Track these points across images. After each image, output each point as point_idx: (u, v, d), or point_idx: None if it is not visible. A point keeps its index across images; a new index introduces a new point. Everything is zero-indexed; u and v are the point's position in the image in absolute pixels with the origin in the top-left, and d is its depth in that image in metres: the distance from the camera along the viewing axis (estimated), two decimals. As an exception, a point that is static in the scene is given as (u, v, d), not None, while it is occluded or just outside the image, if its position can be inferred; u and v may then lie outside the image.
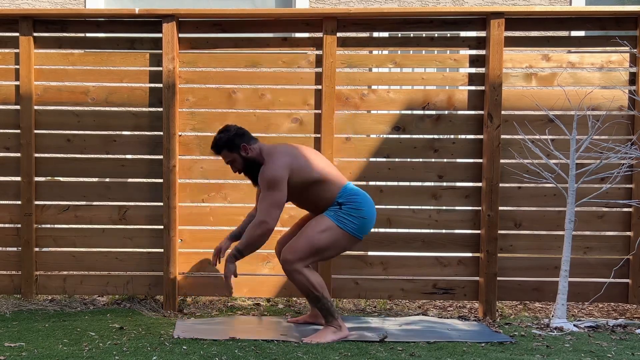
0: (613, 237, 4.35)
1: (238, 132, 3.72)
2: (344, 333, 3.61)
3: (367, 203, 3.70)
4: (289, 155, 3.65)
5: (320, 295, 3.60)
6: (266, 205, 3.55)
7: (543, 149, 4.17)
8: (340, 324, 3.63)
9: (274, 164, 3.59)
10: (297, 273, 3.58)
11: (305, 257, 3.60)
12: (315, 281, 3.60)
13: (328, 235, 3.61)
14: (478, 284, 4.33)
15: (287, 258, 3.60)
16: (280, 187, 3.56)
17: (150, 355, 3.17)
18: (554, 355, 3.29)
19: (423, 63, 4.44)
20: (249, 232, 3.59)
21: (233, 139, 3.69)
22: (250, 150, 3.69)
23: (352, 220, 3.64)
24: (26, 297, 4.35)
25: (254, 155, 3.69)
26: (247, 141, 3.71)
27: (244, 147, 3.68)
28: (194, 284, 4.39)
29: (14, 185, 4.39)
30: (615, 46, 4.19)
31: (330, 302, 3.63)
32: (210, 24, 4.36)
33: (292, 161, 3.62)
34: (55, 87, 4.39)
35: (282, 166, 3.58)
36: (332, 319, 3.62)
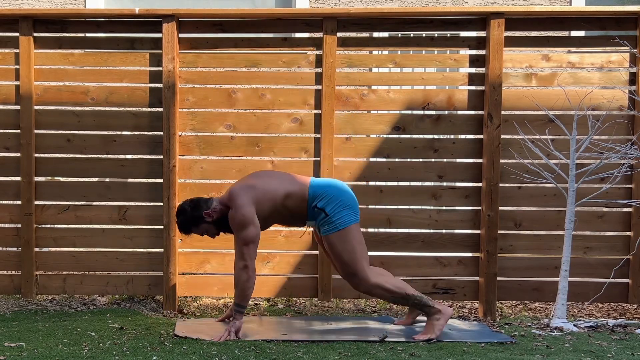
0: (613, 237, 4.35)
1: (192, 206, 3.76)
2: (446, 314, 3.69)
3: (340, 190, 3.75)
4: (247, 189, 3.68)
5: (404, 295, 3.71)
6: (241, 246, 3.63)
7: (543, 149, 4.17)
8: (439, 307, 3.69)
9: (237, 206, 3.63)
10: (374, 288, 3.72)
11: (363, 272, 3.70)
12: (391, 285, 3.72)
13: (347, 243, 3.69)
14: (478, 284, 4.33)
15: (355, 283, 3.74)
16: (252, 223, 3.62)
17: (150, 355, 3.18)
18: (554, 355, 3.29)
19: (423, 63, 4.44)
20: (238, 283, 3.65)
21: (193, 215, 3.73)
22: (212, 213, 3.73)
23: (343, 214, 3.69)
24: (26, 297, 4.35)
25: (218, 214, 3.73)
26: (205, 207, 3.74)
27: (206, 214, 3.72)
28: (194, 284, 4.39)
29: (14, 185, 4.39)
30: (615, 46, 4.19)
31: (418, 296, 3.71)
32: (210, 24, 4.36)
33: (252, 193, 3.67)
34: (55, 87, 4.39)
35: (246, 203, 3.63)
36: (428, 308, 3.70)
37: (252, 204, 3.64)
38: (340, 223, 3.68)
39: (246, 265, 3.61)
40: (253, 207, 3.63)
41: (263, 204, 3.67)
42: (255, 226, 3.62)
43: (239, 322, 3.62)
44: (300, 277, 4.38)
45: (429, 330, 3.64)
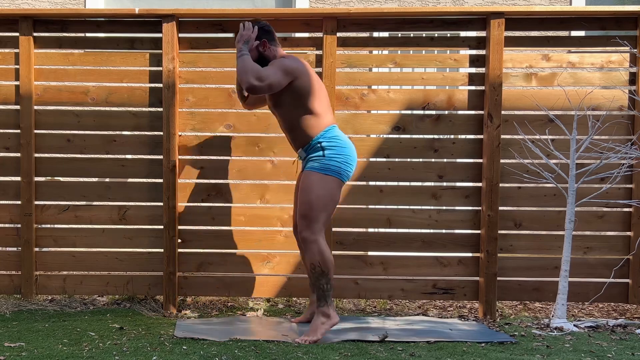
0: (613, 237, 4.35)
1: (265, 28, 3.82)
2: (333, 321, 3.63)
3: (348, 149, 3.72)
4: (304, 65, 3.72)
5: (326, 271, 3.63)
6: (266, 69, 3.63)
7: (543, 149, 4.17)
8: (330, 312, 3.63)
9: (289, 59, 3.70)
10: (313, 243, 3.63)
11: (319, 227, 3.63)
12: (327, 257, 3.64)
13: (322, 187, 3.63)
14: (478, 284, 4.33)
15: (305, 237, 3.64)
16: (284, 74, 3.63)
17: (150, 355, 3.18)
18: (554, 355, 3.29)
19: (423, 63, 4.43)
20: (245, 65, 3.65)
21: (258, 31, 3.77)
22: (267, 48, 3.78)
23: (337, 165, 3.66)
24: (26, 297, 4.35)
25: (269, 54, 3.78)
26: (270, 40, 3.79)
27: (264, 42, 3.77)
28: (194, 284, 4.39)
29: (14, 185, 4.39)
30: (615, 46, 4.19)
31: (330, 285, 3.65)
32: (210, 24, 4.36)
33: (305, 70, 3.68)
34: (55, 87, 4.39)
35: (296, 68, 3.66)
36: (324, 303, 3.63)
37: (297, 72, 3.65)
38: (329, 170, 3.64)
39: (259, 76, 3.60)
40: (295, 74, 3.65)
41: (296, 84, 3.66)
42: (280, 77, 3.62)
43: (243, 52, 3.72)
44: (300, 277, 4.38)
45: (313, 332, 3.57)
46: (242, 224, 4.38)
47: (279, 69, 3.65)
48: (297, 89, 3.66)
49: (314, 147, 3.69)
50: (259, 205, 4.38)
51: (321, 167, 3.64)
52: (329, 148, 3.66)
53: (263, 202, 4.37)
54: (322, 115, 3.71)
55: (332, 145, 3.67)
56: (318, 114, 3.69)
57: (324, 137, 3.68)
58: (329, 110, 3.78)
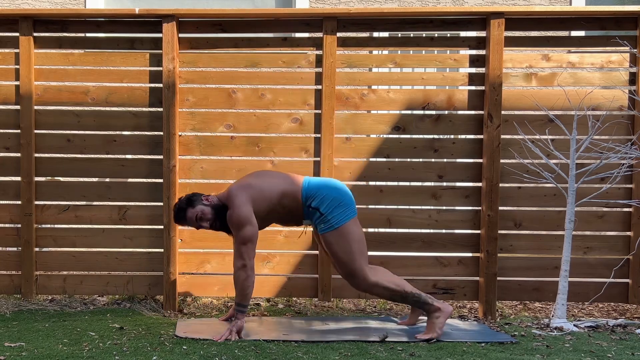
0: (613, 237, 4.35)
1: (190, 195, 3.79)
2: (446, 311, 3.69)
3: (333, 189, 3.75)
4: (245, 188, 3.70)
5: (402, 293, 3.71)
6: (239, 245, 3.64)
7: (543, 149, 4.17)
8: (438, 305, 3.69)
9: (235, 206, 3.65)
10: (373, 287, 3.72)
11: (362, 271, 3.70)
12: (390, 283, 3.71)
13: (344, 241, 3.69)
14: (478, 284, 4.33)
15: (355, 283, 3.74)
16: (249, 222, 3.63)
17: (150, 355, 3.17)
18: (554, 355, 3.29)
19: (423, 63, 4.43)
20: (237, 282, 3.66)
21: (189, 198, 3.76)
22: (210, 199, 3.76)
23: (337, 212, 3.70)
24: (26, 297, 4.35)
25: (216, 202, 3.75)
26: (203, 196, 3.78)
27: (202, 198, 3.76)
28: (194, 284, 4.39)
29: (14, 185, 4.39)
30: (615, 46, 4.19)
31: (416, 294, 3.72)
32: (210, 24, 4.36)
33: (249, 192, 3.68)
34: (55, 87, 4.39)
35: (243, 202, 3.65)
36: (428, 306, 3.70)
37: (250, 203, 3.65)
38: (336, 222, 3.69)
39: (244, 264, 3.62)
40: (250, 206, 3.65)
41: (260, 203, 3.69)
42: (253, 225, 3.63)
43: (241, 322, 3.61)
44: (300, 277, 4.38)
45: (430, 329, 3.64)
46: (242, 224, 4.37)
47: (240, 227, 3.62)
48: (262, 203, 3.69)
49: (309, 213, 3.75)
50: (259, 205, 4.38)
51: (329, 225, 3.70)
52: (321, 204, 3.71)
53: (263, 202, 4.37)
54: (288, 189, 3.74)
55: (321, 199, 3.71)
56: (285, 191, 3.74)
57: (309, 199, 3.73)
58: (284, 177, 3.81)
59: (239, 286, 3.65)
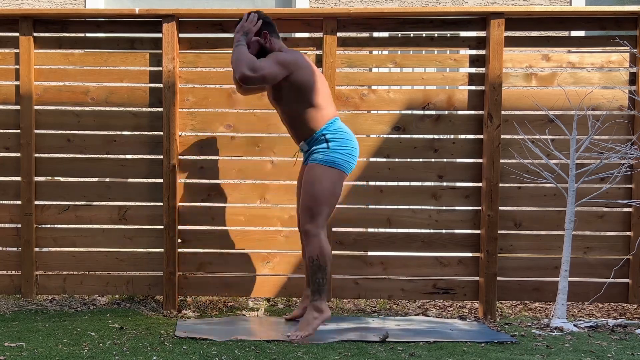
0: (613, 237, 4.35)
1: (267, 20, 3.80)
2: (325, 315, 3.65)
3: (351, 142, 3.74)
4: (302, 58, 3.72)
5: (324, 266, 3.64)
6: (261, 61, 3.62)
7: (543, 149, 4.17)
8: (322, 307, 3.65)
9: (287, 52, 3.69)
10: (315, 237, 3.63)
11: (321, 221, 3.64)
12: (326, 252, 3.65)
13: (326, 180, 3.64)
14: (478, 284, 4.33)
15: (307, 230, 3.65)
16: (280, 66, 3.61)
17: (150, 355, 3.18)
18: (554, 355, 3.29)
19: (423, 63, 4.43)
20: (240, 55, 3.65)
21: (264, 23, 3.77)
22: (268, 41, 3.76)
23: (342, 157, 3.67)
24: (26, 297, 4.36)
25: (270, 46, 3.76)
26: (271, 32, 3.78)
27: (264, 34, 3.75)
28: (194, 284, 4.39)
29: (14, 185, 4.39)
30: (615, 46, 4.19)
31: (326, 279, 3.66)
32: (210, 24, 4.36)
33: (303, 63, 3.67)
34: (55, 87, 4.39)
35: (291, 58, 3.65)
36: (317, 297, 3.65)
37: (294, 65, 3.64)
38: (333, 162, 3.65)
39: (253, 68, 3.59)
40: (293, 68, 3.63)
41: (295, 77, 3.65)
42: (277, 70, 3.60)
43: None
44: (300, 277, 4.37)
45: (305, 327, 3.60)
46: (242, 224, 4.38)
47: (274, 61, 3.64)
48: (296, 83, 3.66)
49: (318, 139, 3.69)
50: (259, 205, 4.38)
51: (325, 159, 3.65)
52: (334, 140, 3.67)
53: (263, 202, 4.37)
54: (324, 108, 3.71)
55: (337, 138, 3.68)
56: (320, 106, 3.69)
57: (327, 130, 3.69)
58: (330, 103, 3.79)
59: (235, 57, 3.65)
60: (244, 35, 3.73)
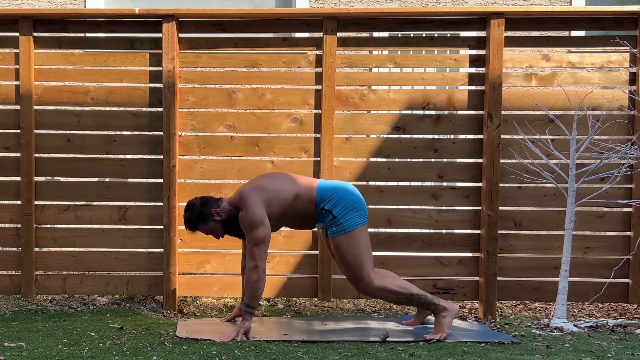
0: (613, 237, 4.35)
1: (203, 203, 3.76)
2: (453, 310, 3.70)
3: (347, 192, 3.76)
4: (258, 190, 3.69)
5: (409, 295, 3.72)
6: (251, 246, 3.62)
7: (543, 149, 4.17)
8: (444, 304, 3.71)
9: (248, 207, 3.63)
10: (379, 291, 3.73)
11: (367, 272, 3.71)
12: (395, 286, 3.73)
13: (354, 245, 3.70)
14: (478, 284, 4.33)
15: (361, 287, 3.76)
16: (263, 223, 3.62)
17: (150, 355, 3.18)
18: (554, 355, 3.29)
19: (423, 63, 4.43)
20: (248, 283, 3.64)
21: (201, 212, 3.73)
22: (221, 212, 3.72)
23: (351, 215, 3.70)
24: (26, 297, 4.35)
25: (227, 214, 3.73)
26: (215, 205, 3.74)
27: (215, 212, 3.72)
28: (194, 284, 4.39)
29: (14, 185, 4.39)
30: (615, 46, 4.19)
31: (422, 295, 3.73)
32: (210, 24, 4.36)
33: (263, 194, 3.68)
34: (55, 87, 4.39)
35: (257, 203, 3.63)
36: (434, 306, 3.71)
37: (263, 204, 3.64)
38: (348, 225, 3.69)
39: (256, 265, 3.60)
40: (264, 208, 3.64)
41: (273, 205, 3.68)
42: (266, 227, 3.62)
43: (248, 323, 3.60)
44: (300, 277, 4.38)
45: (439, 329, 3.65)
46: (242, 224, 4.38)
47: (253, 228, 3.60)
48: (275, 205, 3.68)
49: (322, 215, 3.74)
50: (259, 205, 4.38)
51: (341, 229, 3.70)
52: (334, 207, 3.71)
53: (263, 202, 4.37)
54: (302, 191, 3.73)
55: (334, 202, 3.71)
56: (300, 192, 3.73)
57: (322, 202, 3.72)
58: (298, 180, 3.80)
59: (250, 287, 3.63)
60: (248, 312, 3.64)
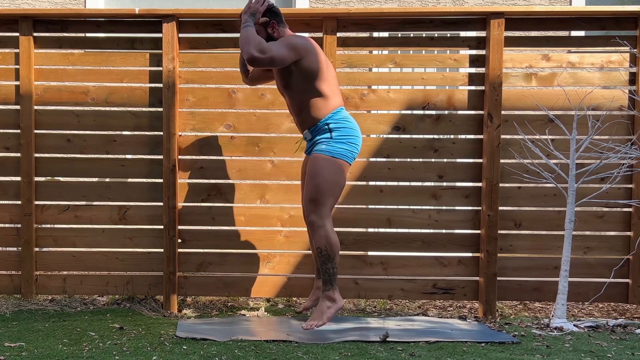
0: (613, 237, 4.35)
1: (274, 9, 3.79)
2: (338, 304, 3.70)
3: (355, 130, 3.78)
4: (312, 44, 3.71)
5: (332, 256, 3.69)
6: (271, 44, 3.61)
7: (543, 149, 4.17)
8: (335, 296, 3.70)
9: (297, 37, 3.69)
10: (320, 228, 3.68)
11: (326, 211, 3.68)
12: (334, 240, 3.70)
13: (330, 172, 3.67)
14: (478, 284, 4.33)
15: (312, 221, 3.70)
16: (289, 50, 3.60)
17: (150, 355, 3.18)
18: (554, 355, 3.29)
19: (423, 63, 4.44)
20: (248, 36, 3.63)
21: (270, 9, 3.76)
22: (276, 30, 3.75)
23: (344, 147, 3.70)
24: (26, 297, 4.35)
25: (277, 36, 3.75)
26: (279, 22, 3.78)
27: (272, 24, 3.74)
28: (194, 284, 4.39)
29: (14, 185, 4.39)
30: (615, 46, 4.19)
31: (336, 269, 3.71)
32: (210, 24, 4.36)
33: (312, 49, 3.67)
34: (55, 87, 4.39)
35: (301, 42, 3.64)
36: (329, 287, 3.70)
37: (304, 50, 3.64)
38: (337, 153, 3.68)
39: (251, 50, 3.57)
40: (300, 54, 3.62)
41: (303, 64, 3.65)
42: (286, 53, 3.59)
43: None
44: (300, 277, 4.38)
45: (318, 317, 3.67)
46: (242, 223, 4.38)
47: (283, 44, 3.64)
48: (305, 69, 3.67)
49: (322, 128, 3.72)
50: (259, 205, 4.38)
51: (329, 149, 3.68)
52: (337, 129, 3.69)
53: (263, 202, 4.37)
54: (330, 96, 3.73)
55: (340, 127, 3.71)
56: (326, 95, 3.71)
57: (332, 119, 3.71)
58: (337, 92, 3.81)
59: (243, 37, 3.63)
60: (251, 16, 3.72)
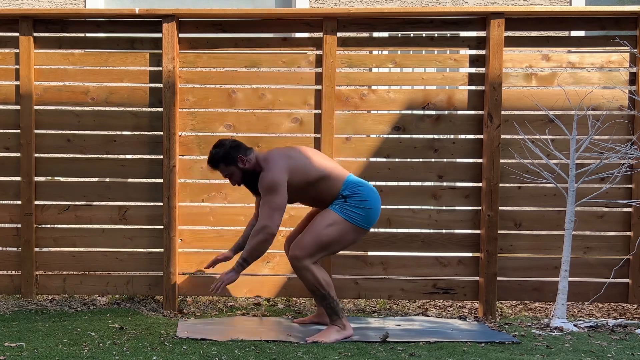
0: (613, 237, 4.35)
1: (232, 145, 3.70)
2: (348, 332, 3.61)
3: (372, 193, 3.71)
4: (285, 157, 3.64)
5: (326, 294, 3.62)
6: (267, 209, 3.55)
7: (543, 149, 4.17)
8: (345, 323, 3.64)
9: (272, 169, 3.58)
10: (305, 270, 3.60)
11: (314, 253, 3.61)
12: (322, 279, 3.62)
13: (335, 229, 3.62)
14: (478, 284, 4.33)
15: (295, 254, 3.62)
16: (280, 191, 3.55)
17: (150, 355, 3.18)
18: (554, 355, 3.29)
19: (423, 63, 4.43)
20: (252, 240, 3.58)
21: (229, 153, 3.67)
22: (246, 161, 3.67)
23: (357, 212, 3.64)
24: (26, 297, 4.35)
25: (251, 165, 3.68)
26: (243, 153, 3.69)
27: (240, 158, 3.67)
28: (194, 284, 4.39)
29: (14, 185, 4.39)
30: (615, 46, 4.19)
31: (335, 301, 3.65)
32: (210, 24, 4.36)
33: (290, 163, 3.62)
34: (55, 87, 4.39)
35: (281, 169, 3.58)
36: (336, 318, 3.63)
37: (287, 172, 3.58)
38: (349, 217, 3.63)
39: (267, 226, 3.53)
40: (286, 176, 3.57)
41: (295, 178, 3.61)
42: (283, 195, 3.55)
43: (235, 275, 3.59)
44: (300, 277, 4.37)
45: (326, 335, 3.57)
46: (242, 224, 4.37)
47: (270, 193, 3.55)
48: (298, 181, 3.62)
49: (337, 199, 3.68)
50: (259, 205, 4.38)
51: (341, 211, 3.64)
52: (351, 196, 3.64)
53: (263, 202, 4.37)
54: (332, 173, 3.68)
55: (353, 193, 3.65)
56: (328, 175, 3.67)
57: (346, 189, 3.66)
58: (332, 163, 3.78)
59: (254, 244, 3.57)
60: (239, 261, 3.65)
